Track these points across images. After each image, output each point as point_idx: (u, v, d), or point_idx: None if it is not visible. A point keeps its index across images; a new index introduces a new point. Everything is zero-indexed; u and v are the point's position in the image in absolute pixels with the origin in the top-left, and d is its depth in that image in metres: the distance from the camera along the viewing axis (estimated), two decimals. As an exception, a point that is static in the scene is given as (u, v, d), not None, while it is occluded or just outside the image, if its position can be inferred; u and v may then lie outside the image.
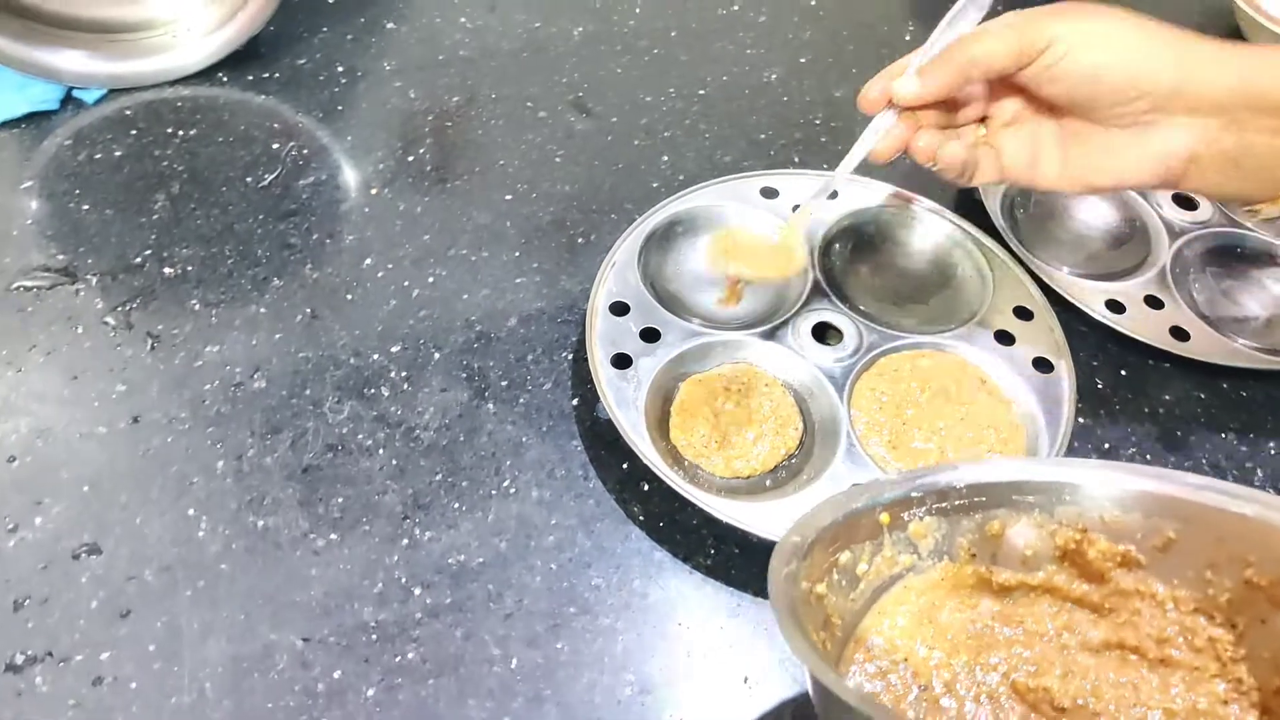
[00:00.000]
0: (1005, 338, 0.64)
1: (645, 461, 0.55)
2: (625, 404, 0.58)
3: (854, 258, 0.70)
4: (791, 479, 0.58)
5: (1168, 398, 0.65)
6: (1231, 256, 0.72)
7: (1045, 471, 0.46)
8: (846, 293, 0.67)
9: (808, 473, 0.58)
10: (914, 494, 0.46)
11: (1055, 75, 0.52)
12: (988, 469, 0.47)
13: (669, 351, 0.61)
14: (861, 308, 0.66)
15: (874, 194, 0.72)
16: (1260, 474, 0.62)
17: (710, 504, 0.54)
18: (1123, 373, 0.66)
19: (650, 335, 0.62)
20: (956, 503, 0.46)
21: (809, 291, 0.65)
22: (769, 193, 0.71)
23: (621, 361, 0.60)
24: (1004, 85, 0.56)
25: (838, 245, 0.70)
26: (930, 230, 0.71)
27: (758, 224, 0.69)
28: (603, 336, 0.61)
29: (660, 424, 0.59)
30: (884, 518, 0.46)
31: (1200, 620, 0.44)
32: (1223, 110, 0.50)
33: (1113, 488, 0.45)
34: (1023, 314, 0.66)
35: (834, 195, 0.71)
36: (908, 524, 0.46)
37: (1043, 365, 0.63)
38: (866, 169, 0.77)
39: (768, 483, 0.58)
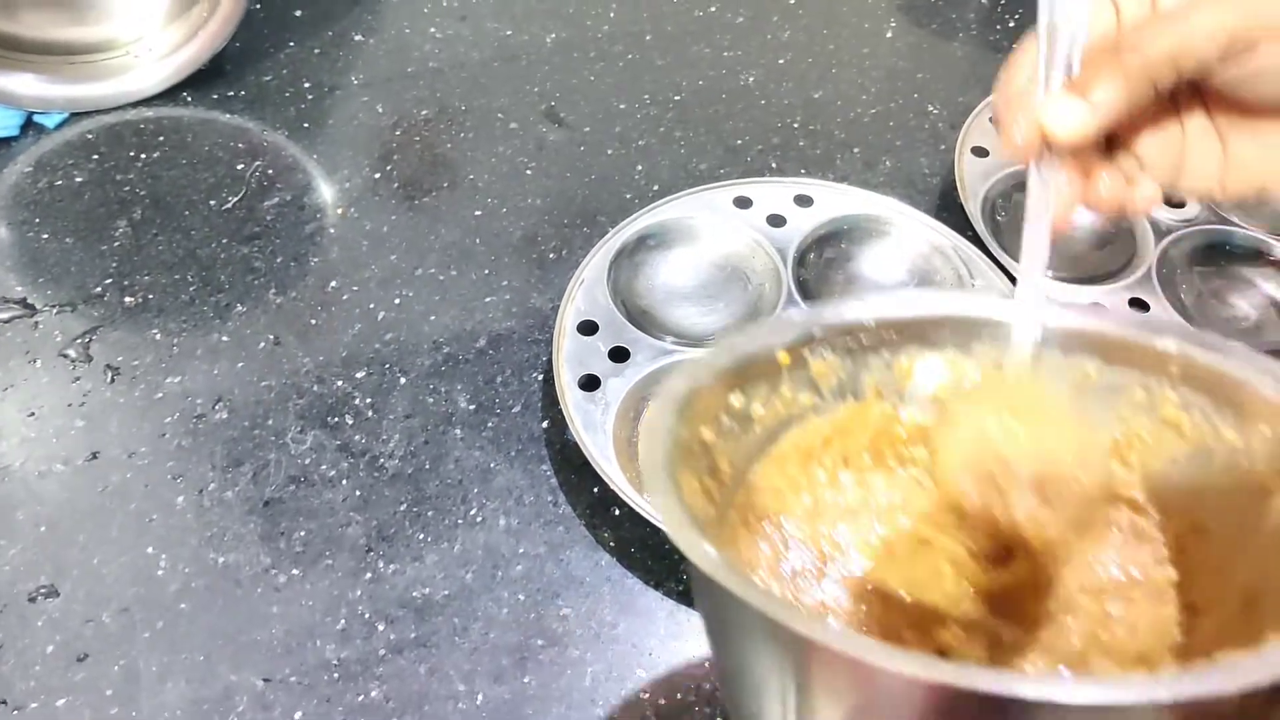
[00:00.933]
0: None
1: (614, 487, 0.54)
2: (593, 427, 0.56)
3: (830, 267, 0.68)
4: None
5: (1155, 403, 0.63)
6: (1220, 255, 0.70)
7: (960, 305, 0.42)
8: (822, 301, 0.65)
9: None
10: (817, 332, 0.41)
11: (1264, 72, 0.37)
12: (899, 302, 0.43)
13: (638, 371, 0.59)
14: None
15: (850, 201, 0.70)
16: (1251, 480, 0.60)
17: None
18: (1108, 378, 0.64)
19: (619, 355, 0.60)
20: (864, 340, 0.42)
21: (784, 303, 0.64)
22: (742, 202, 0.69)
23: (590, 383, 0.59)
24: None
25: (813, 255, 0.68)
26: (908, 237, 0.69)
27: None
28: (570, 358, 0.59)
29: (631, 446, 0.58)
30: (783, 357, 0.41)
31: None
32: None
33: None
34: None
35: (809, 203, 0.69)
36: (809, 362, 0.42)
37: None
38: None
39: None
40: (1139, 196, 0.41)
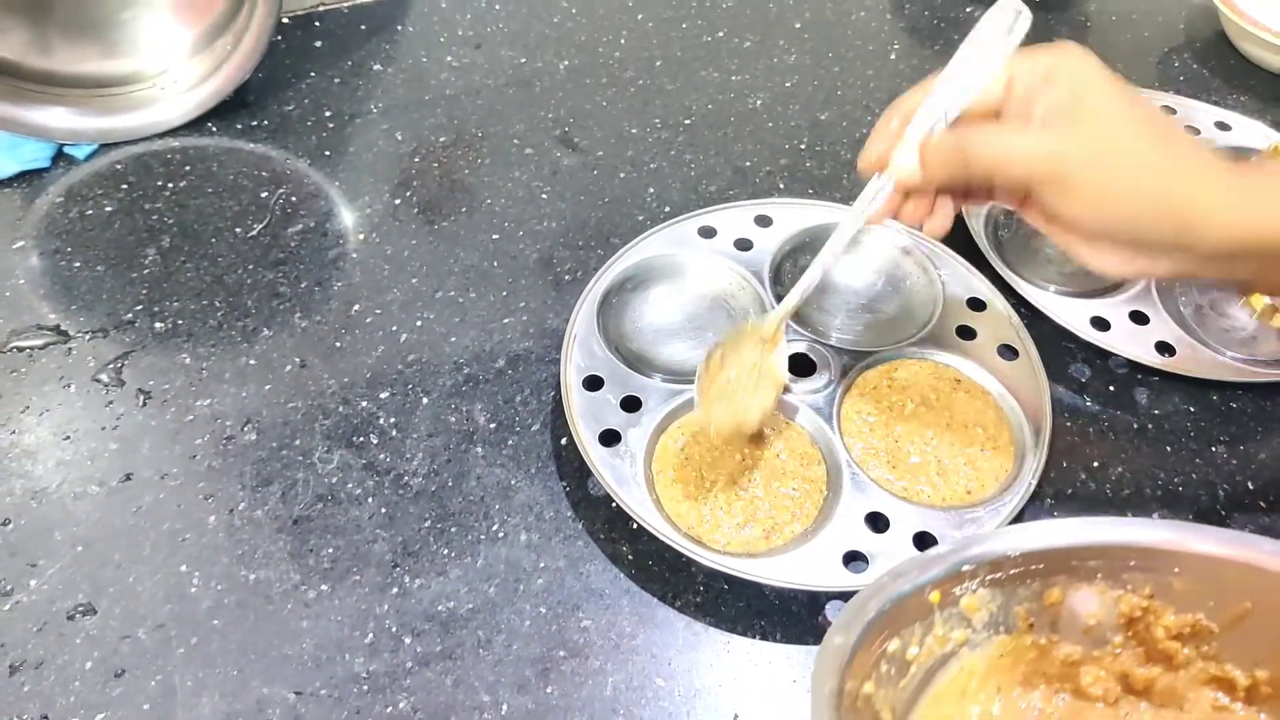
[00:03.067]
0: (966, 332, 0.66)
1: (661, 539, 0.55)
2: (625, 482, 0.57)
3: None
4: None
5: (1156, 413, 0.65)
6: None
7: (1106, 533, 0.43)
8: (805, 317, 0.67)
9: (821, 511, 0.58)
10: (965, 567, 0.42)
11: (1064, 204, 0.46)
12: (1044, 533, 0.43)
13: (654, 418, 0.60)
14: (823, 330, 0.66)
15: (807, 214, 0.72)
16: (1250, 486, 0.61)
17: (720, 562, 0.54)
18: (1111, 389, 0.66)
19: (631, 404, 0.61)
20: (1011, 572, 0.43)
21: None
22: (707, 232, 0.71)
23: (610, 438, 0.59)
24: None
25: (786, 271, 0.70)
26: (870, 241, 0.71)
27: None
28: (585, 414, 0.60)
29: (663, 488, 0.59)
30: (934, 596, 0.42)
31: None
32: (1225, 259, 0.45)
33: (1180, 550, 0.42)
34: (976, 305, 0.67)
35: (769, 223, 0.71)
36: (960, 599, 0.43)
37: (1007, 352, 0.65)
38: (802, 189, 0.78)
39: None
40: (933, 225, 0.52)
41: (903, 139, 0.50)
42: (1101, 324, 0.67)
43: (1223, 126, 0.81)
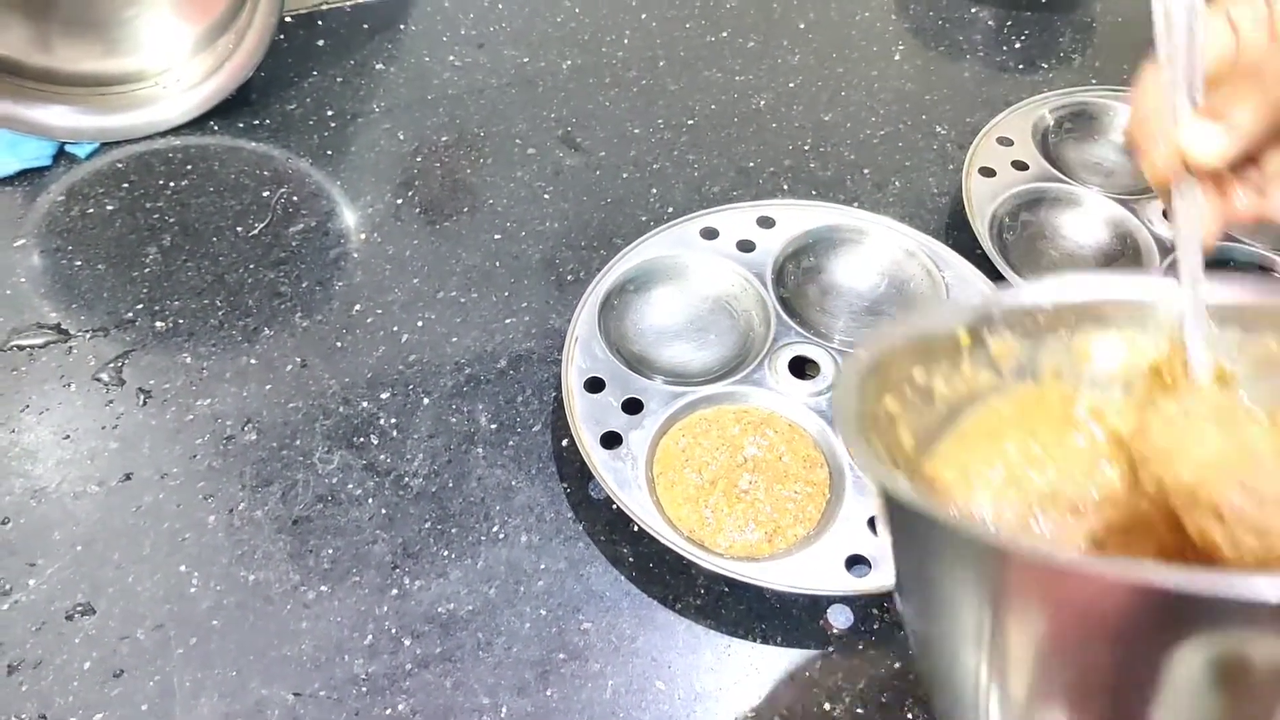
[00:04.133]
0: None
1: (663, 541, 0.54)
2: (626, 485, 0.57)
3: (807, 281, 0.70)
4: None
5: (1162, 418, 0.64)
6: (1223, 270, 0.71)
7: (1134, 289, 0.42)
8: (808, 319, 0.66)
9: (824, 514, 0.57)
10: (996, 313, 0.42)
11: None
12: (1074, 286, 0.43)
13: (656, 420, 0.60)
14: (826, 332, 0.66)
15: (810, 215, 0.72)
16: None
17: (722, 565, 0.53)
18: (1116, 394, 0.65)
19: (633, 406, 0.60)
20: (1041, 321, 0.43)
21: (773, 326, 0.65)
22: (709, 233, 0.70)
23: (611, 440, 0.59)
24: None
25: (789, 272, 0.69)
26: (874, 242, 0.71)
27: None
28: (586, 418, 0.59)
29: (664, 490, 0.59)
30: (964, 337, 0.42)
31: None
32: None
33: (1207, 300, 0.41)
34: None
35: (771, 224, 0.71)
36: (989, 343, 0.43)
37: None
38: (806, 190, 0.78)
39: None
40: (1272, 206, 0.43)
41: (1177, 125, 0.41)
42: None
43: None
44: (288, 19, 0.91)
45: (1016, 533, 0.40)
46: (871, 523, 0.56)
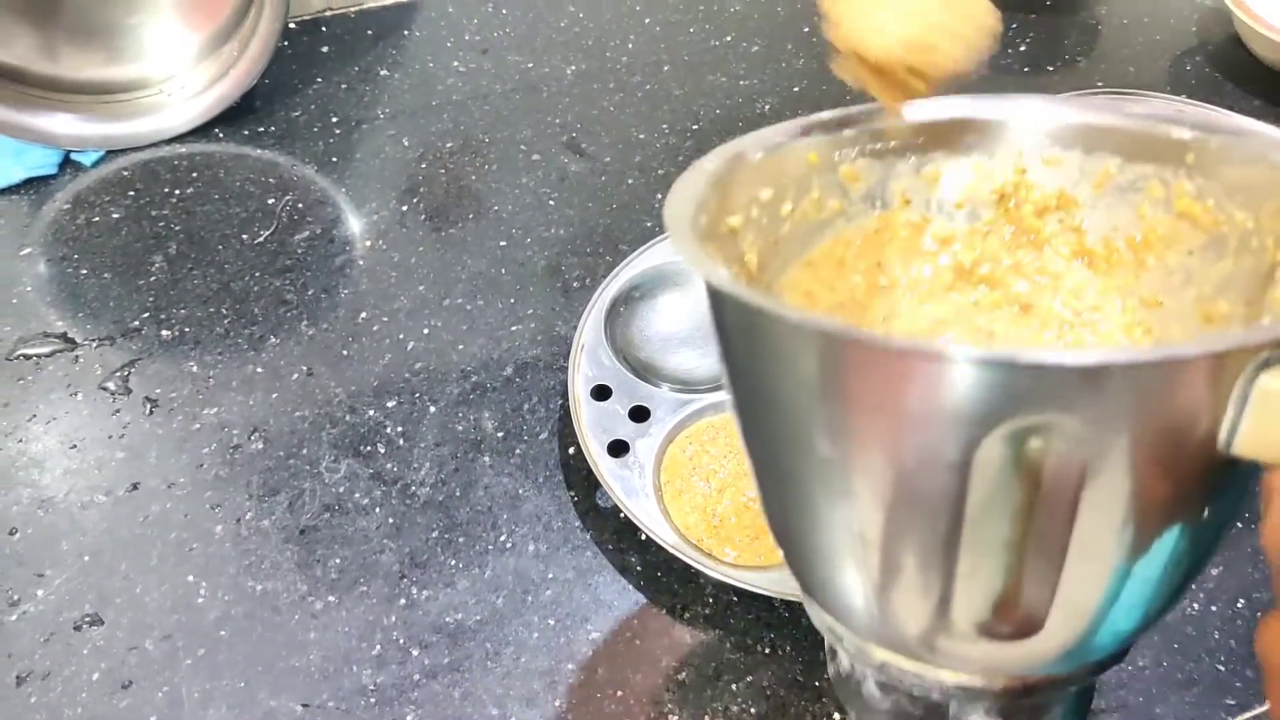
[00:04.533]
0: None
1: (670, 550, 0.54)
2: (633, 493, 0.57)
3: None
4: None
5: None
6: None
7: (986, 108, 0.42)
8: None
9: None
10: (846, 133, 0.41)
11: None
12: (926, 107, 0.42)
13: (663, 428, 0.60)
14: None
15: None
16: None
17: (730, 575, 0.53)
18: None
19: (640, 414, 0.61)
20: (892, 144, 0.42)
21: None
22: None
23: (618, 448, 0.59)
24: None
25: None
26: None
27: None
28: (593, 425, 0.59)
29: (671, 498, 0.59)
30: (812, 156, 0.41)
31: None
32: None
33: (1051, 123, 0.41)
34: None
35: None
36: (838, 165, 0.42)
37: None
38: None
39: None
40: None
41: None
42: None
43: (1235, 131, 0.81)
44: (292, 25, 0.91)
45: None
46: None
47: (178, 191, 0.77)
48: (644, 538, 0.56)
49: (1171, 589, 0.33)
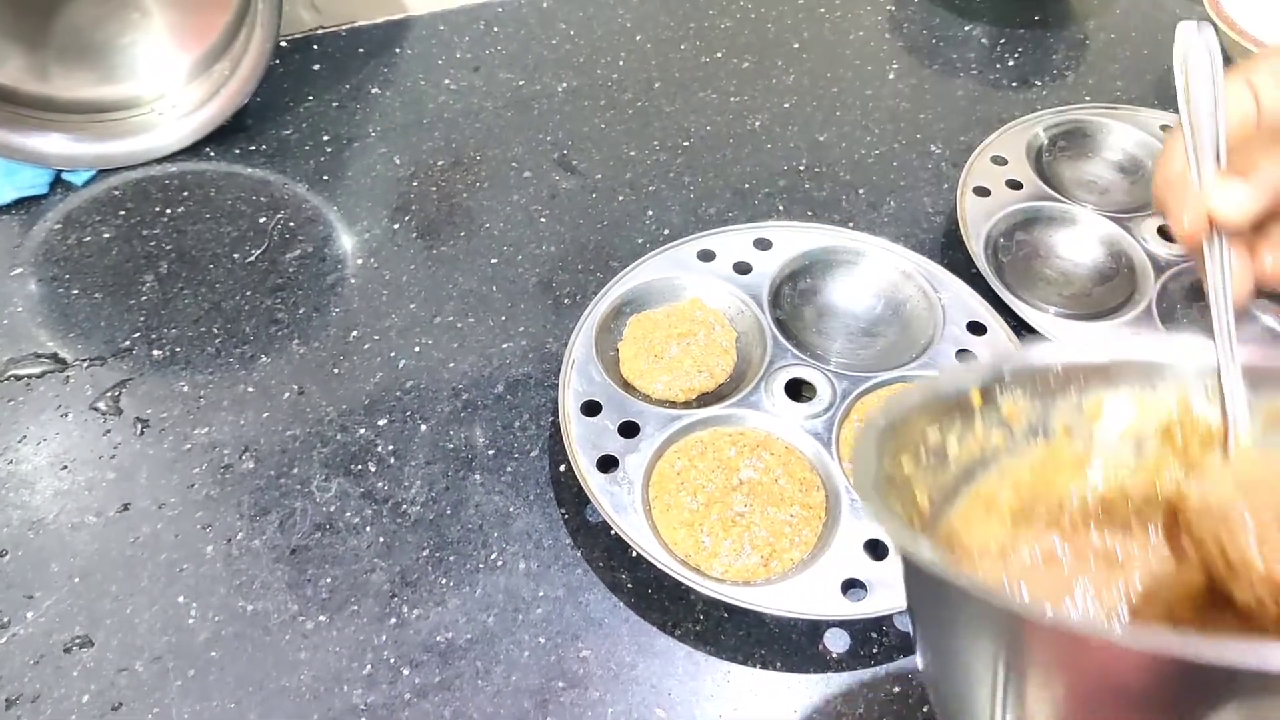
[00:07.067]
0: (966, 356, 0.65)
1: (660, 567, 0.54)
2: (622, 509, 0.57)
3: (803, 302, 0.70)
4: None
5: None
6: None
7: (1144, 350, 0.43)
8: (804, 341, 0.67)
9: (821, 538, 0.57)
10: (1007, 374, 0.43)
11: None
12: (1084, 349, 0.44)
13: (652, 444, 0.60)
14: (822, 354, 0.66)
15: (807, 237, 0.72)
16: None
17: (719, 591, 0.53)
18: (1113, 413, 0.66)
19: (629, 430, 0.60)
20: (1052, 381, 0.43)
21: (769, 347, 0.65)
22: (706, 255, 0.70)
23: (608, 463, 0.59)
24: None
25: (785, 294, 0.69)
26: (870, 263, 0.71)
27: None
28: (583, 441, 0.59)
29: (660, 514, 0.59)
30: (975, 397, 0.43)
31: None
32: None
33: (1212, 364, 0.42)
34: (976, 329, 0.66)
35: (768, 246, 0.71)
36: (1000, 403, 0.43)
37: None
38: (802, 211, 0.77)
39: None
40: None
41: (1202, 186, 0.44)
42: (1102, 347, 0.66)
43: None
44: (283, 44, 0.91)
45: (1038, 597, 0.41)
46: (867, 546, 0.56)
47: (169, 211, 0.77)
48: (634, 554, 0.56)
49: None
